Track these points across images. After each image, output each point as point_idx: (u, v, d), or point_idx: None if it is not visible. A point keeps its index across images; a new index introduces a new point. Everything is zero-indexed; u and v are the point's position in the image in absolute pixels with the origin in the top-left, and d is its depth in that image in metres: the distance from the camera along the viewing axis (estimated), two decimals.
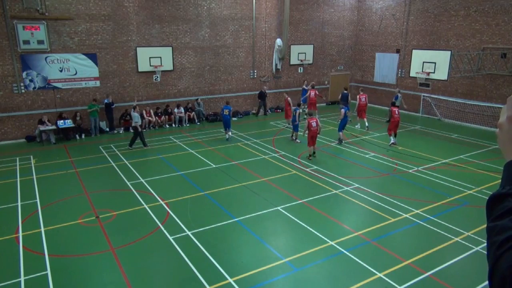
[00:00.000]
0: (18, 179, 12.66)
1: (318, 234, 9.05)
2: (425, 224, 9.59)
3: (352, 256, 8.14)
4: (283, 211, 10.30)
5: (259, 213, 10.21)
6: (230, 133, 17.23)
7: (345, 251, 8.34)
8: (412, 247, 8.70)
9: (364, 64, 26.04)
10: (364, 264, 7.85)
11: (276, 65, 23.48)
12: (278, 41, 22.92)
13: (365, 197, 11.26)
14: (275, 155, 15.15)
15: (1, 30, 16.02)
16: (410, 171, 13.40)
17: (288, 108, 19.14)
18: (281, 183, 12.29)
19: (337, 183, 12.23)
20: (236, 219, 9.79)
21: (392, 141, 16.23)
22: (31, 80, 17.07)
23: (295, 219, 9.80)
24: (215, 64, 21.61)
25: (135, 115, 15.65)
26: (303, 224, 9.52)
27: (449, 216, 10.05)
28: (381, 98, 24.58)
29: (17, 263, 7.91)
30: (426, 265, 7.86)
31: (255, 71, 23.04)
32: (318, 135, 14.53)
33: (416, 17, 22.13)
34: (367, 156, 15.04)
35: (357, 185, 12.06)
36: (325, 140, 17.07)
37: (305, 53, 24.36)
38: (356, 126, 19.31)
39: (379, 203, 10.81)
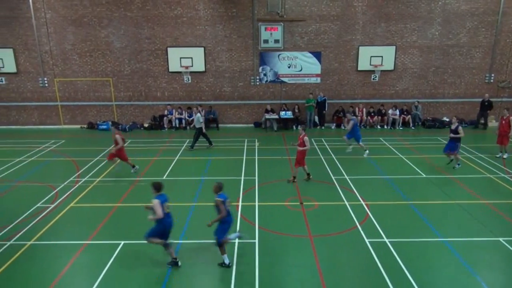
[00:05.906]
0: (245, 157, 14.95)
1: None
2: None
3: None
4: (506, 244, 8.57)
5: (472, 239, 8.84)
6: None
7: None
8: None
9: None
10: None
11: None
12: None
13: None
14: (505, 175, 12.69)
15: (248, 31, 19.14)
16: None
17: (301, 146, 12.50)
18: (507, 210, 10.23)
19: None
20: (442, 239, 8.78)
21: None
22: (264, 74, 19.83)
23: None
24: (441, 65, 19.64)
25: (198, 116, 15.65)
26: None
27: None
28: None
29: (235, 227, 9.40)
30: None
31: (493, 74, 19.71)
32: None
33: None
34: None
35: None
36: None
37: None
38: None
39: None
